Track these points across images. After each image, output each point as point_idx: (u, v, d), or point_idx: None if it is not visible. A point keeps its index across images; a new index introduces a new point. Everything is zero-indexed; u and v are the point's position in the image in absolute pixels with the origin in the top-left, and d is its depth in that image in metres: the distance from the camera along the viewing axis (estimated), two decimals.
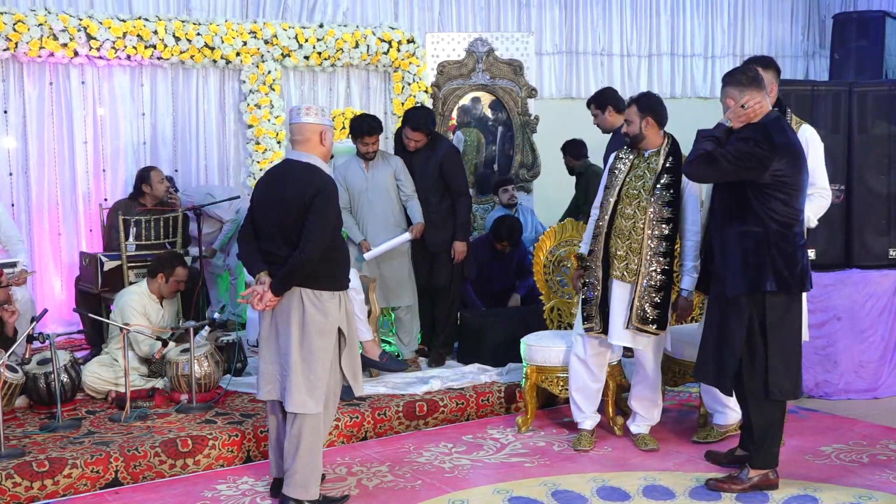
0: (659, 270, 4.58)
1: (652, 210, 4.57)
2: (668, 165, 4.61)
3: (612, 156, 4.83)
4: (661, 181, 4.58)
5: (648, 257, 4.58)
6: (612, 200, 4.66)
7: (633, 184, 4.65)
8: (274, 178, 4.03)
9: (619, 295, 4.65)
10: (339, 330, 4.01)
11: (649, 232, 4.57)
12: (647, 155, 4.68)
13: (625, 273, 4.62)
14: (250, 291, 3.94)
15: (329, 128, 4.04)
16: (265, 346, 4.05)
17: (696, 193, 4.62)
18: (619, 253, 4.63)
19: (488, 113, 8.65)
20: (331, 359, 3.99)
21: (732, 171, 3.99)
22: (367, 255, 5.71)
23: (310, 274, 3.89)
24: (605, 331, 4.70)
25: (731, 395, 4.30)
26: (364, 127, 5.88)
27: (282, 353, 3.97)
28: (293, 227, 3.90)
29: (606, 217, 4.66)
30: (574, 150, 7.66)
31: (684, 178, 4.53)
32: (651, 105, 4.63)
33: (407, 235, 5.86)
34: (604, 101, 6.01)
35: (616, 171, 4.73)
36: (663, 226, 4.58)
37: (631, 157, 4.72)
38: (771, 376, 4.05)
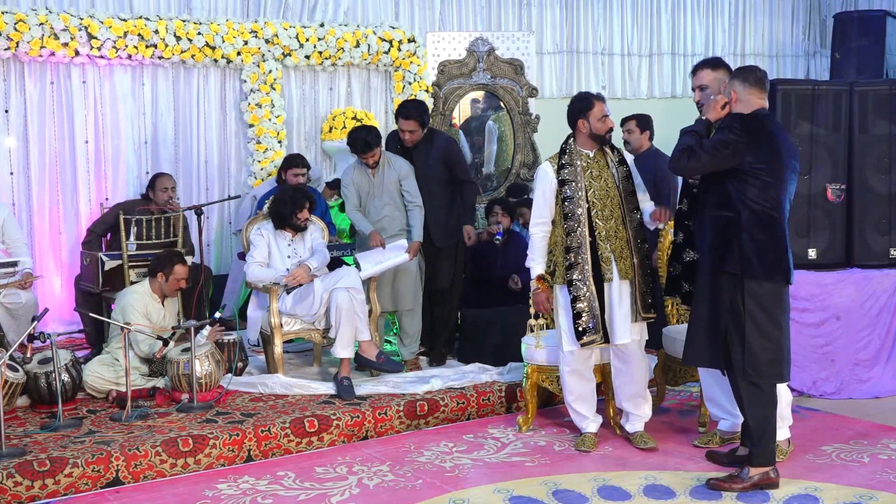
0: (647, 256, 4.75)
1: (626, 204, 4.71)
2: (622, 157, 4.82)
3: (548, 168, 4.75)
4: (622, 173, 4.74)
5: (637, 247, 4.71)
6: (582, 210, 4.64)
7: (596, 184, 4.69)
8: None
9: (621, 294, 4.67)
10: None
11: (630, 223, 4.70)
12: (592, 154, 4.74)
13: (628, 271, 4.68)
14: None
15: None
16: None
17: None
18: (615, 254, 4.66)
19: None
20: None
21: (710, 160, 4.13)
22: (363, 275, 5.68)
23: None
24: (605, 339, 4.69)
25: (725, 375, 4.33)
26: (359, 146, 5.82)
27: None
28: None
29: (583, 228, 4.63)
30: (647, 125, 6.75)
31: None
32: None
33: (405, 257, 5.85)
34: (646, 122, 6.56)
35: (570, 182, 4.66)
36: (635, 213, 4.74)
37: (578, 162, 4.70)
38: (747, 355, 4.12)
